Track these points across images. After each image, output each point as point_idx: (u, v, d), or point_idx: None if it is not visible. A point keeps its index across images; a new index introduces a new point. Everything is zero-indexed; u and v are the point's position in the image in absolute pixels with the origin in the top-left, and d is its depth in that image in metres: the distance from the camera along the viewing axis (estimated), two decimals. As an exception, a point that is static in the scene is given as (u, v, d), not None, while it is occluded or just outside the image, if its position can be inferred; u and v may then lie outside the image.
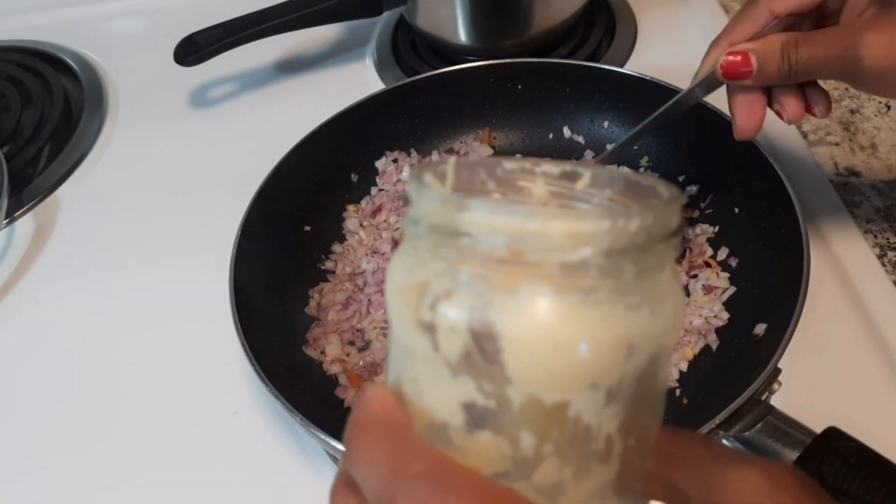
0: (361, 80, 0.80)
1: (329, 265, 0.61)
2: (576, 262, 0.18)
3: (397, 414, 0.20)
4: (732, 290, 0.55)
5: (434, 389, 0.20)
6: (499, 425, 0.19)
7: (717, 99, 0.54)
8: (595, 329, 0.18)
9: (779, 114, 0.47)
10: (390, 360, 0.22)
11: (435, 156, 0.67)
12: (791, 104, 0.46)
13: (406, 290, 0.20)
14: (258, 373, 0.46)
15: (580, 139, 0.66)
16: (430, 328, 0.19)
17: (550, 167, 0.21)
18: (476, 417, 0.19)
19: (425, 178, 0.20)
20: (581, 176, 0.21)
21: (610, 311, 0.18)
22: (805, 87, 0.47)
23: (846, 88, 0.72)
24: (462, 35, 0.75)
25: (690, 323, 0.54)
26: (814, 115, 0.47)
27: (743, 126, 0.47)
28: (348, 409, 0.53)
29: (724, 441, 0.42)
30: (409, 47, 0.82)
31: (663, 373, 0.21)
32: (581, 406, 0.19)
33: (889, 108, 0.70)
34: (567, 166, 0.21)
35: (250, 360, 0.47)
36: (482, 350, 0.18)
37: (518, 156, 0.65)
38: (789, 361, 0.50)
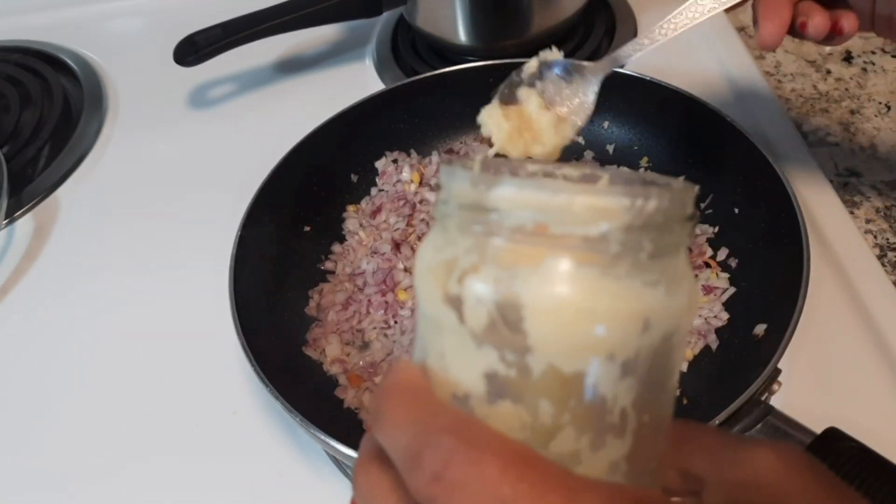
0: (361, 80, 0.80)
1: (329, 265, 0.61)
2: (596, 236, 0.19)
3: (422, 382, 0.21)
4: (732, 290, 0.55)
5: (459, 361, 0.21)
6: (519, 394, 0.20)
7: (717, 99, 0.54)
8: (613, 301, 0.19)
9: (803, 26, 0.46)
10: (416, 340, 0.23)
11: (435, 156, 0.67)
12: (816, 16, 0.46)
13: (435, 268, 0.21)
14: (258, 373, 0.46)
15: (580, 139, 0.66)
16: (457, 301, 0.20)
17: (571, 170, 0.22)
18: (498, 387, 0.20)
19: (457, 165, 0.21)
20: (600, 178, 0.22)
21: (628, 285, 0.19)
22: (831, 6, 0.47)
23: (846, 89, 0.72)
24: (462, 35, 0.75)
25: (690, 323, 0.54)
26: (840, 32, 0.47)
27: (765, 31, 0.46)
28: (348, 410, 0.53)
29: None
30: (408, 47, 0.82)
31: (677, 355, 0.21)
32: (598, 377, 0.19)
33: (889, 108, 0.70)
34: (587, 169, 0.23)
35: (250, 360, 0.47)
36: (506, 319, 0.19)
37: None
38: (789, 361, 0.50)
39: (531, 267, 0.19)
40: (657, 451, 0.22)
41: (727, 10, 0.48)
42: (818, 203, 0.61)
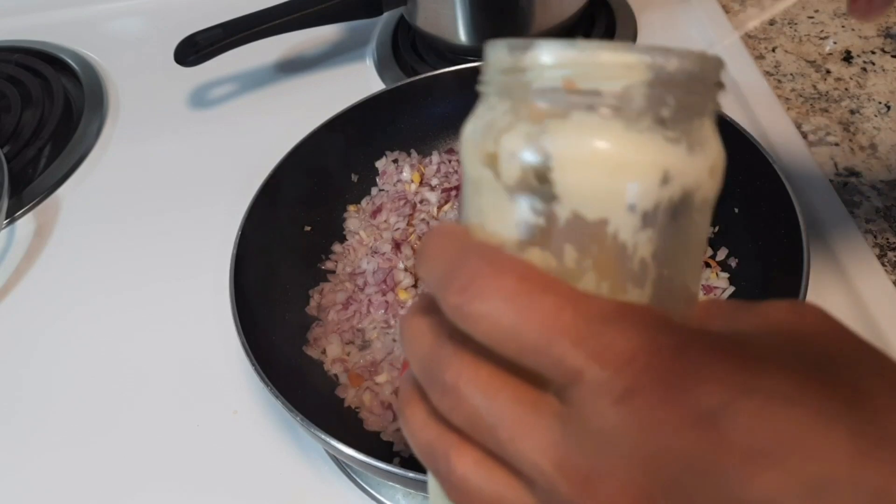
0: (361, 80, 0.80)
1: (329, 265, 0.61)
2: (620, 91, 0.20)
3: (463, 229, 0.23)
4: (732, 290, 0.55)
5: (494, 214, 0.22)
6: (546, 241, 0.21)
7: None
8: (634, 152, 0.20)
9: None
10: (461, 210, 0.25)
11: (435, 156, 0.67)
12: None
13: (475, 133, 0.23)
14: (258, 373, 0.46)
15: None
16: (493, 159, 0.22)
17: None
18: (528, 234, 0.22)
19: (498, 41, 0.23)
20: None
21: (649, 138, 0.21)
22: None
23: (846, 89, 0.72)
24: (462, 35, 0.75)
25: (690, 323, 0.54)
26: None
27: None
28: (349, 409, 0.53)
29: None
30: (409, 47, 0.82)
31: (698, 219, 0.22)
32: (619, 224, 0.21)
33: (889, 108, 0.70)
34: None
35: (250, 360, 0.47)
36: (536, 171, 0.21)
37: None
38: (789, 361, 0.50)
39: (560, 121, 0.21)
40: (676, 311, 0.22)
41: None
42: (818, 203, 0.61)
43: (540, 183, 0.21)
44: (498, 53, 0.22)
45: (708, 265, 0.57)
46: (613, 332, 0.19)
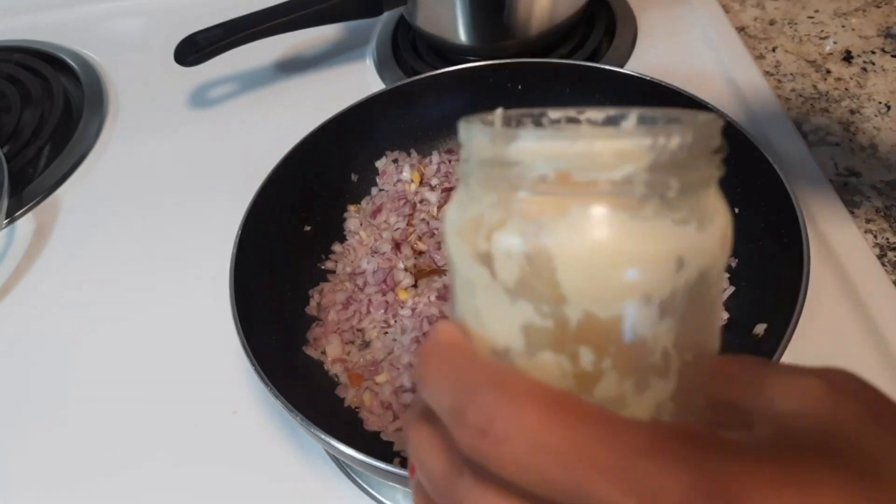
0: (361, 80, 0.80)
1: (329, 265, 0.61)
2: (621, 180, 0.19)
3: (462, 339, 0.21)
4: (732, 290, 0.55)
5: (495, 316, 0.20)
6: (558, 344, 0.20)
7: (717, 99, 0.54)
8: (644, 243, 0.19)
9: None
10: (453, 300, 0.23)
11: (435, 156, 0.67)
12: None
13: (463, 227, 0.21)
14: (258, 373, 0.46)
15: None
16: (487, 258, 0.20)
17: (595, 114, 0.22)
18: (536, 339, 0.20)
19: (474, 123, 0.21)
20: (623, 119, 0.21)
21: (657, 225, 0.19)
22: None
23: (846, 89, 0.72)
24: (462, 35, 0.75)
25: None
26: None
27: None
28: (349, 409, 0.53)
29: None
30: (409, 47, 0.82)
31: (716, 289, 0.21)
32: (636, 319, 0.19)
33: (889, 108, 0.70)
34: (611, 111, 0.22)
35: (250, 360, 0.47)
36: (537, 271, 0.19)
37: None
38: (789, 361, 0.50)
39: (557, 216, 0.19)
40: (703, 388, 0.21)
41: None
42: (818, 203, 0.61)
43: (544, 284, 0.19)
44: (477, 139, 0.20)
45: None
46: (654, 471, 0.18)
